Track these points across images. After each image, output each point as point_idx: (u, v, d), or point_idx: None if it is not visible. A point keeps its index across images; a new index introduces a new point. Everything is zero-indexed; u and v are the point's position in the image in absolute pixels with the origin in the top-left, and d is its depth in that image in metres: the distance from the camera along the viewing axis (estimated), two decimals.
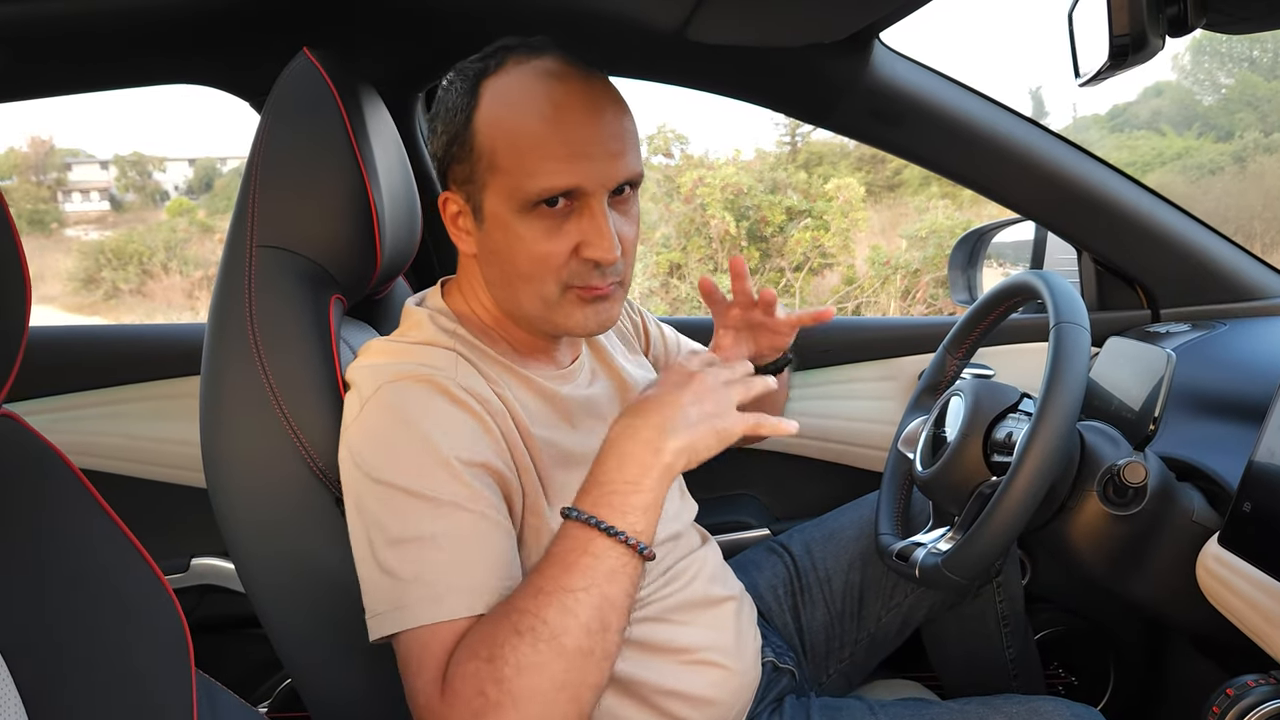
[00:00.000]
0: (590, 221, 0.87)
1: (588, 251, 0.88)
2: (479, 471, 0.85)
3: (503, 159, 0.87)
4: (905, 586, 1.29)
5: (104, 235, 14.80)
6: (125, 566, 0.61)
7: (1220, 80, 14.24)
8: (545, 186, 0.85)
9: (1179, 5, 0.75)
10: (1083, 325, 1.00)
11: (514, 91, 0.88)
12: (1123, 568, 1.08)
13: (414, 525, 0.81)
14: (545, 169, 0.85)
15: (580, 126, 0.86)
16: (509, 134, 0.87)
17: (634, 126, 0.92)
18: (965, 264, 1.79)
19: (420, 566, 0.80)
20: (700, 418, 0.82)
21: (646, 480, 0.79)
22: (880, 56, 1.34)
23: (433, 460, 0.82)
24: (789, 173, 8.42)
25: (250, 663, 1.59)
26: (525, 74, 0.88)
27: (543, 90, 0.87)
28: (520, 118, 0.86)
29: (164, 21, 1.16)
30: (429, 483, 0.82)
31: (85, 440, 1.53)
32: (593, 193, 0.87)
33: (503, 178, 0.87)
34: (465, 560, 0.81)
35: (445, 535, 0.81)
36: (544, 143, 0.85)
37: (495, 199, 0.89)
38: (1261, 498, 0.92)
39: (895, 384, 1.63)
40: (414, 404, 0.85)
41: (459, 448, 0.84)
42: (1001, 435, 1.09)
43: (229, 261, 0.97)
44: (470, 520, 0.82)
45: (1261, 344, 1.33)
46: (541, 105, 0.86)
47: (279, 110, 0.98)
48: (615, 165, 0.87)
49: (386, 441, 0.84)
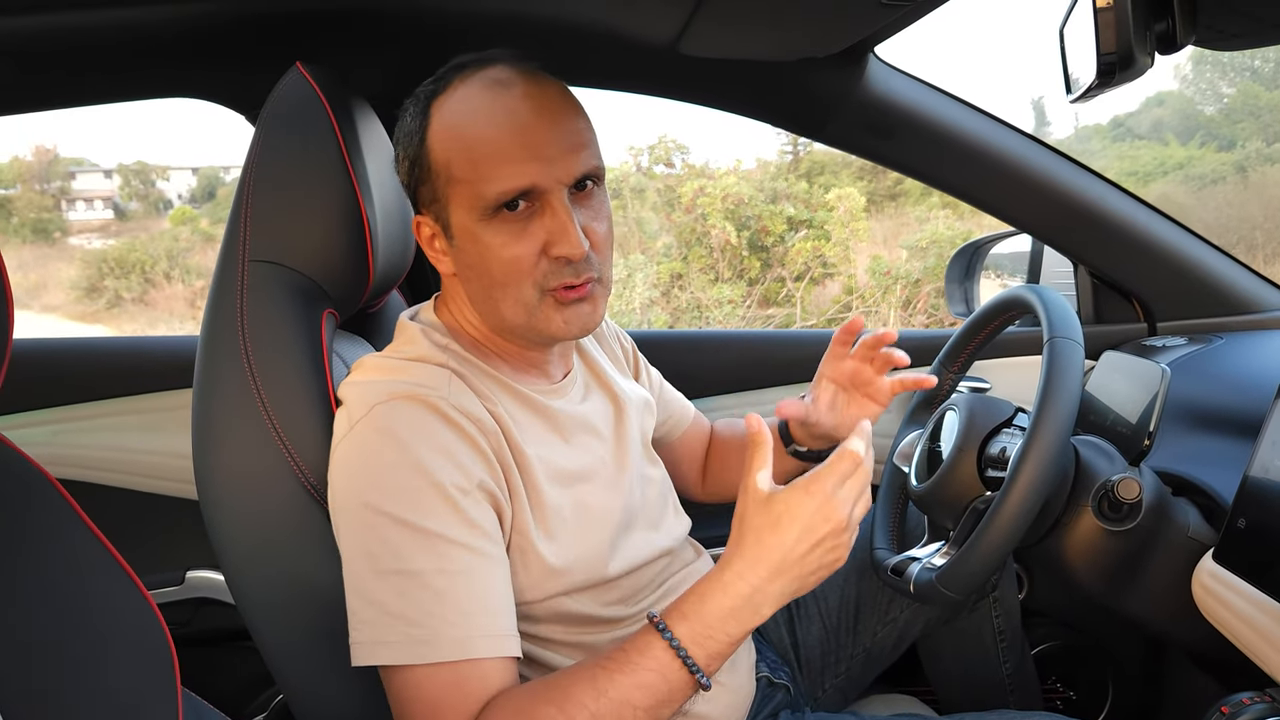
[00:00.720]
0: (553, 219, 0.87)
1: (555, 249, 0.88)
2: (474, 497, 0.85)
3: (458, 170, 0.88)
4: (901, 601, 1.28)
5: (107, 244, 14.82)
6: (109, 585, 0.61)
7: (1222, 90, 14.24)
8: (502, 189, 0.86)
9: (1168, 22, 0.75)
10: (1076, 340, 1.00)
11: (462, 104, 0.88)
12: (1118, 583, 1.07)
13: (404, 558, 0.81)
14: (500, 172, 0.85)
15: (531, 127, 0.86)
16: (461, 144, 0.87)
17: (588, 125, 0.92)
18: (962, 276, 1.79)
19: (407, 603, 0.80)
20: (819, 566, 0.82)
21: (744, 636, 0.82)
22: (875, 70, 1.34)
23: (426, 487, 0.82)
24: (789, 182, 8.43)
25: (245, 676, 1.58)
26: (472, 86, 0.89)
27: (490, 98, 0.88)
28: (471, 127, 0.87)
29: (159, 36, 1.16)
30: (421, 512, 0.81)
31: (80, 453, 1.53)
32: (551, 190, 0.87)
33: (462, 188, 0.88)
34: (455, 602, 0.81)
35: (436, 573, 0.81)
36: (497, 147, 0.86)
37: (459, 212, 0.89)
38: (1256, 514, 0.92)
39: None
40: (407, 426, 0.84)
41: (453, 474, 0.83)
42: (996, 450, 1.09)
43: (221, 276, 0.97)
44: (462, 557, 0.82)
45: (1257, 358, 1.33)
46: (491, 112, 0.87)
47: (272, 124, 0.99)
48: (570, 160, 0.87)
49: (378, 466, 0.84)
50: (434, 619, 0.80)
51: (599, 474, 1.00)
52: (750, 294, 7.56)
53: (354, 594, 0.84)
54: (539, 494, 0.91)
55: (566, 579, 0.92)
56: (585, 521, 0.94)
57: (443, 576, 0.81)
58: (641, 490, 1.06)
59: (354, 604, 0.84)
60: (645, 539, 1.03)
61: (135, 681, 0.60)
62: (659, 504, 1.09)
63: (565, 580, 0.92)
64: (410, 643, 0.80)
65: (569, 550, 0.92)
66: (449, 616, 0.80)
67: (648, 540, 1.03)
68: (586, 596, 0.95)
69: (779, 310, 7.59)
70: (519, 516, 0.89)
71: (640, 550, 1.01)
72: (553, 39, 1.23)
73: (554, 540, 0.91)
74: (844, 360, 1.12)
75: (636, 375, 1.23)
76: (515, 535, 0.89)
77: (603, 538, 0.95)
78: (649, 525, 1.05)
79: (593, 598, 0.95)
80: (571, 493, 0.94)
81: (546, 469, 0.93)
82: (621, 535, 0.98)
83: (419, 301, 1.05)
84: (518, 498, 0.89)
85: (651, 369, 1.27)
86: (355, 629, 0.83)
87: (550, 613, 0.93)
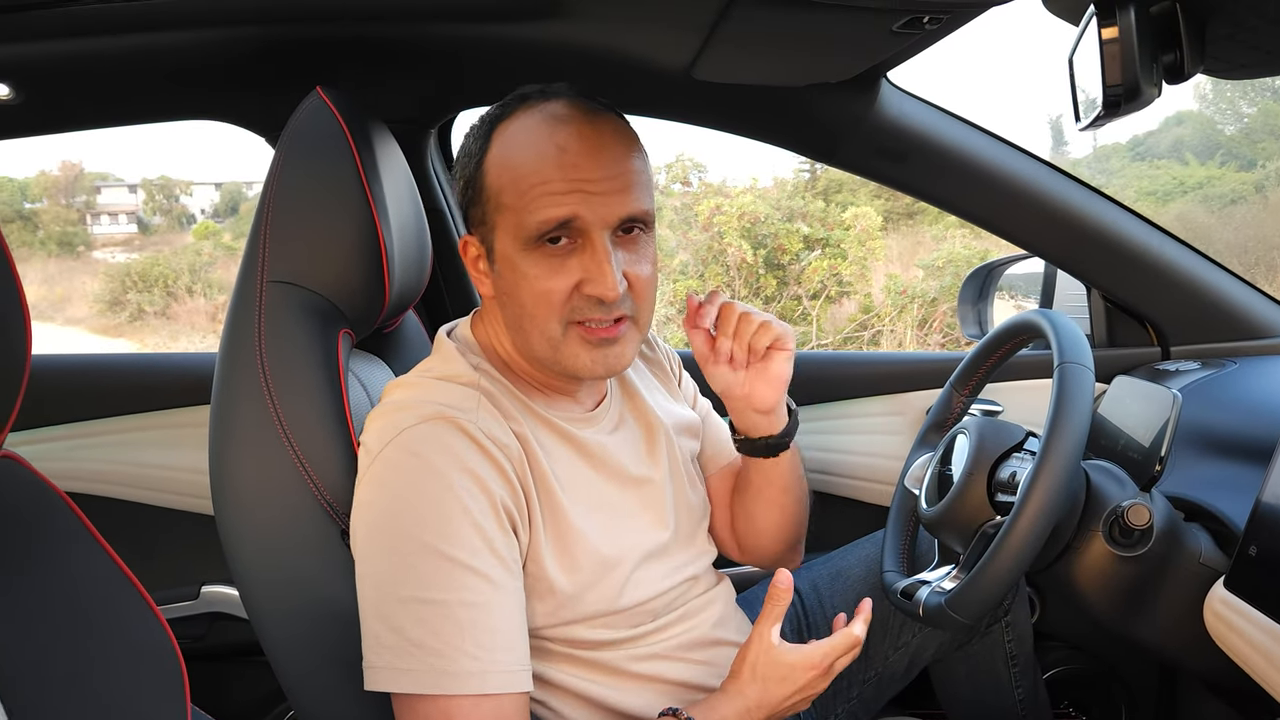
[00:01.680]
0: (591, 257, 0.88)
1: (588, 288, 0.88)
2: (500, 522, 0.85)
3: (507, 197, 0.89)
4: (913, 625, 1.28)
5: (131, 258, 15.00)
6: (121, 604, 0.62)
7: (1242, 109, 14.16)
8: (543, 219, 0.87)
9: (1176, 54, 0.75)
10: (1087, 365, 0.99)
11: (520, 135, 0.90)
12: (1130, 610, 1.07)
13: (428, 586, 0.81)
14: (543, 203, 0.87)
15: (580, 163, 0.87)
16: (512, 173, 0.89)
17: (644, 166, 0.92)
18: (976, 298, 1.79)
19: (427, 632, 0.81)
20: (798, 704, 0.97)
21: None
22: (887, 95, 1.35)
23: (455, 514, 0.83)
24: (806, 201, 8.43)
25: (259, 691, 1.60)
26: (532, 118, 0.90)
27: (546, 132, 0.89)
28: (522, 157, 0.88)
29: (181, 59, 1.19)
30: (448, 539, 0.82)
31: (98, 468, 1.55)
32: (592, 226, 0.87)
33: (508, 215, 0.89)
34: (475, 635, 0.81)
35: (460, 604, 0.81)
36: (542, 178, 0.87)
37: (503, 238, 0.90)
38: (1267, 541, 0.91)
39: (903, 419, 1.63)
40: (436, 449, 0.85)
41: (480, 499, 0.84)
42: (1006, 475, 1.08)
43: (240, 295, 0.99)
44: (485, 589, 0.83)
45: (1270, 383, 1.32)
46: (544, 145, 0.88)
47: (291, 148, 1.01)
48: (616, 200, 0.88)
49: (407, 490, 0.84)
50: (455, 650, 0.81)
51: (621, 507, 1.00)
52: (767, 312, 7.54)
53: (373, 618, 0.84)
54: (557, 523, 0.92)
55: (579, 608, 0.93)
56: (603, 553, 0.94)
57: (464, 608, 0.82)
58: (675, 518, 1.06)
59: (373, 628, 0.84)
60: (668, 568, 1.03)
61: (145, 700, 0.60)
62: (691, 531, 1.09)
63: (577, 609, 0.93)
64: (430, 673, 0.80)
65: (583, 581, 0.92)
66: (469, 649, 0.81)
67: (671, 569, 1.03)
68: (599, 623, 0.95)
69: (795, 328, 7.55)
70: (535, 544, 0.90)
71: (660, 581, 1.01)
72: (567, 65, 1.25)
73: (569, 570, 0.92)
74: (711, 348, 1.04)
75: (680, 388, 1.22)
76: (530, 563, 0.90)
77: (620, 571, 0.95)
78: (676, 553, 1.05)
79: (605, 624, 0.96)
80: (591, 523, 0.95)
81: (568, 498, 0.93)
82: (640, 568, 0.98)
83: (435, 322, 1.06)
84: (535, 525, 0.90)
85: (700, 397, 1.24)
86: (373, 653, 0.84)
87: (560, 637, 0.94)
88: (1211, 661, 0.98)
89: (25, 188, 20.78)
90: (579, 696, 0.96)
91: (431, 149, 1.55)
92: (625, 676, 0.98)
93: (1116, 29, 0.73)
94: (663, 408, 1.11)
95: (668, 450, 1.08)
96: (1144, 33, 0.73)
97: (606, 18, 1.13)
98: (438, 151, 1.59)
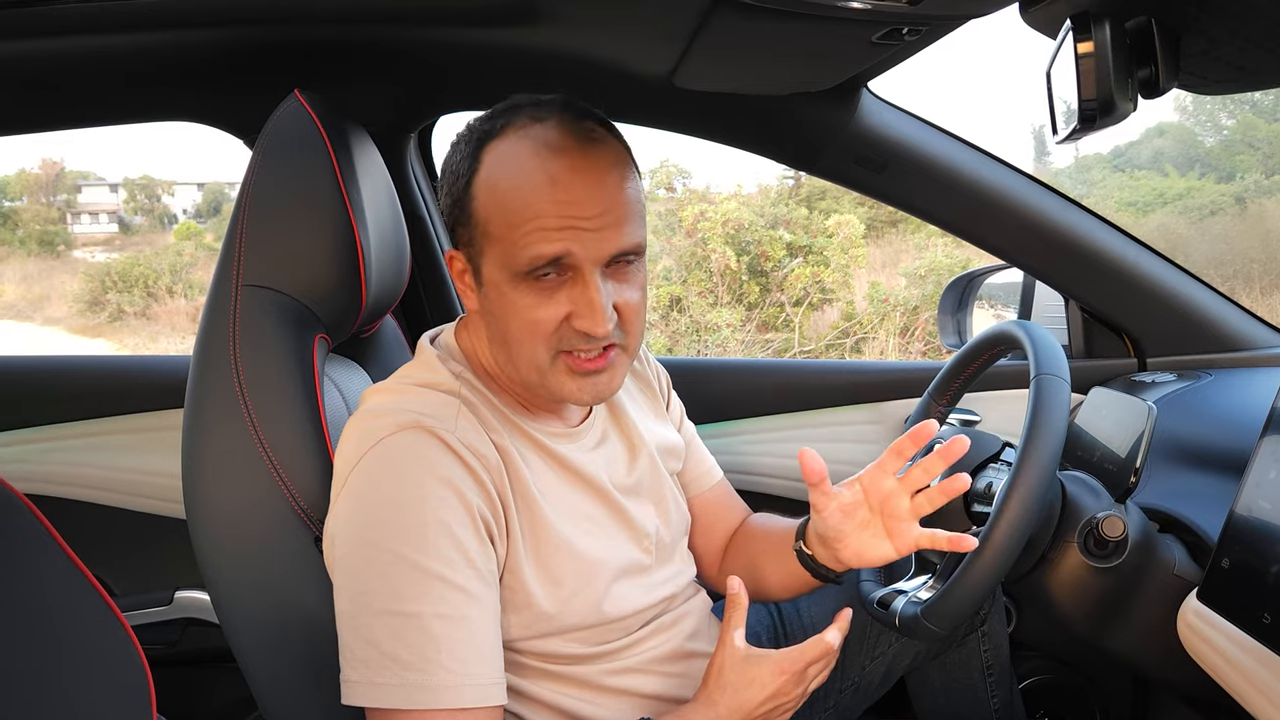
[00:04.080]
0: (582, 292, 0.86)
1: (578, 323, 0.87)
2: (476, 534, 0.85)
3: (496, 228, 0.87)
4: (890, 635, 1.28)
5: (111, 257, 14.87)
6: (85, 613, 0.60)
7: (1222, 121, 14.34)
8: (534, 255, 0.84)
9: (1151, 69, 0.76)
10: (1063, 377, 1.00)
11: (511, 163, 0.87)
12: (1104, 620, 1.07)
13: (403, 598, 0.81)
14: (534, 239, 0.84)
15: (572, 200, 0.84)
16: (502, 204, 0.86)
17: (637, 195, 0.90)
18: (955, 308, 1.80)
19: (401, 645, 0.80)
20: (777, 709, 0.94)
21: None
22: (868, 105, 1.35)
23: (431, 524, 0.82)
24: (790, 208, 8.47)
25: (232, 697, 1.58)
26: (524, 143, 0.87)
27: (538, 163, 0.85)
28: (513, 189, 0.86)
29: (160, 61, 1.18)
30: (424, 550, 0.81)
31: (70, 471, 1.53)
32: (584, 263, 0.86)
33: (497, 246, 0.87)
34: (450, 648, 0.81)
35: (435, 616, 0.81)
36: (534, 214, 0.84)
37: (491, 266, 0.89)
38: (1239, 553, 0.92)
39: (881, 428, 1.63)
40: (414, 459, 0.84)
41: (457, 509, 0.83)
42: (982, 485, 1.09)
43: (215, 298, 0.98)
44: (461, 601, 0.82)
45: (1244, 396, 1.33)
46: (535, 177, 0.85)
47: (268, 150, 1.00)
48: (609, 236, 0.86)
49: (383, 500, 0.83)
50: (430, 664, 0.80)
51: (601, 523, 0.99)
52: (750, 318, 7.58)
53: (349, 630, 0.83)
54: (536, 534, 0.91)
55: (556, 622, 0.92)
56: (581, 569, 0.94)
57: (439, 620, 0.81)
58: (654, 536, 1.05)
59: (348, 640, 0.83)
60: (646, 585, 1.02)
61: (109, 710, 0.60)
62: (670, 549, 1.09)
63: (554, 623, 0.92)
64: (405, 687, 0.80)
65: (561, 595, 0.92)
66: (444, 662, 0.80)
67: (650, 586, 1.02)
68: (574, 637, 0.95)
69: (777, 335, 7.61)
70: (513, 555, 0.89)
71: (639, 598, 1.00)
72: (548, 71, 1.24)
73: (547, 584, 0.91)
74: (888, 478, 0.98)
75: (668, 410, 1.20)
76: (508, 575, 0.89)
77: (598, 585, 0.95)
78: (655, 570, 1.04)
79: (581, 638, 0.95)
80: (570, 538, 0.94)
81: (548, 509, 0.92)
82: (618, 583, 0.98)
83: (413, 327, 1.06)
84: (513, 536, 0.89)
85: (688, 422, 1.23)
86: (349, 666, 0.83)
87: (536, 650, 0.93)
88: (1184, 672, 0.99)
89: (4, 185, 20.60)
90: (553, 709, 0.95)
91: (411, 154, 1.54)
92: (599, 690, 0.97)
93: (1092, 44, 0.74)
94: (648, 428, 1.11)
95: (650, 469, 1.08)
96: (1119, 48, 0.73)
97: (585, 24, 1.13)
98: (418, 156, 1.59)
